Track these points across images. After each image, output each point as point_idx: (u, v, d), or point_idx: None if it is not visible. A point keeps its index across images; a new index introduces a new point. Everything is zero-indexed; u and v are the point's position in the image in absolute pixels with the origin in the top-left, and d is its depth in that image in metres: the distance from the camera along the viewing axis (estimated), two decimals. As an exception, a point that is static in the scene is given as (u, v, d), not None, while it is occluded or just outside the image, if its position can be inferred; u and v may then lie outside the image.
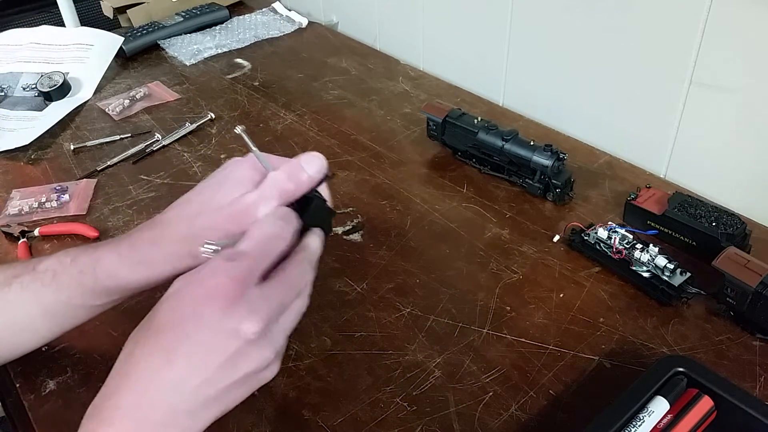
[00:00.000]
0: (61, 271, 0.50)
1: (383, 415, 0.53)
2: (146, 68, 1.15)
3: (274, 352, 0.43)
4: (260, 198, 0.47)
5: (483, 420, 0.52)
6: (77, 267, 0.50)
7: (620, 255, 0.64)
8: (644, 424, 0.46)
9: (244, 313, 0.40)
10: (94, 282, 0.49)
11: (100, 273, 0.49)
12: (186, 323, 0.41)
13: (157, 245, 0.49)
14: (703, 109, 0.74)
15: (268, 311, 0.42)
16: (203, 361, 0.40)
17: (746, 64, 0.68)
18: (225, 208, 0.48)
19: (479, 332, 0.60)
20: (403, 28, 1.13)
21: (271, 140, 0.90)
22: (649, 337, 0.58)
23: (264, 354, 0.42)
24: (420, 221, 0.74)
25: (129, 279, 0.49)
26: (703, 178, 0.77)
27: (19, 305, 0.51)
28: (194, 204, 0.49)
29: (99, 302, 0.51)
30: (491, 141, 0.77)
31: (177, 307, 0.42)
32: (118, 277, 0.49)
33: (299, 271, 0.45)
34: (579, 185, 0.76)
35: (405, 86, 1.03)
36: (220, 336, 0.40)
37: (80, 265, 0.50)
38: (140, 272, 0.49)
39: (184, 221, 0.49)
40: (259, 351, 0.42)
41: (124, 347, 0.42)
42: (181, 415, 0.41)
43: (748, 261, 0.57)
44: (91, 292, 0.50)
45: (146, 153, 0.89)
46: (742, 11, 0.66)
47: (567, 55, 0.87)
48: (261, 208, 0.47)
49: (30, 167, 0.88)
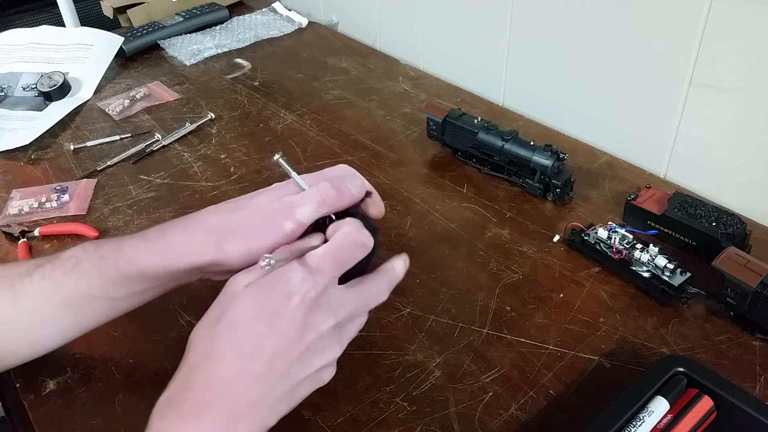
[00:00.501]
0: (83, 257, 0.49)
1: (383, 415, 0.53)
2: (146, 68, 1.15)
3: (339, 353, 0.45)
4: (302, 198, 0.48)
5: (483, 420, 0.52)
6: (99, 252, 0.49)
7: (620, 255, 0.64)
8: (644, 424, 0.46)
9: (324, 309, 0.43)
10: (115, 269, 0.48)
11: (121, 258, 0.48)
12: (274, 318, 0.42)
13: (185, 232, 0.48)
14: (703, 109, 0.74)
15: (343, 313, 0.45)
16: (288, 352, 0.42)
17: (746, 64, 0.68)
18: (264, 206, 0.48)
19: (479, 332, 0.60)
20: (403, 28, 1.13)
21: (271, 140, 0.90)
22: (649, 337, 0.58)
23: (333, 351, 0.45)
24: (420, 221, 0.74)
25: (149, 264, 0.48)
26: (703, 178, 0.77)
27: (41, 295, 0.49)
28: (232, 203, 0.50)
29: (119, 294, 0.49)
30: (491, 141, 0.77)
31: (263, 303, 0.43)
32: (138, 262, 0.48)
33: (377, 290, 0.48)
34: (579, 185, 0.76)
35: (405, 86, 1.03)
36: (303, 328, 0.42)
37: (103, 251, 0.49)
38: (161, 257, 0.48)
39: (219, 214, 0.49)
40: (330, 346, 0.44)
41: (196, 342, 0.43)
42: (263, 408, 0.42)
43: (748, 261, 0.57)
44: (113, 282, 0.49)
45: (146, 153, 0.89)
46: (742, 11, 0.66)
47: (567, 55, 0.87)
48: (300, 210, 0.47)
49: (30, 167, 0.88)
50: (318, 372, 0.45)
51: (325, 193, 0.48)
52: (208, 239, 0.47)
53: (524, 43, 0.92)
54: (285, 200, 0.48)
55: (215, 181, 0.82)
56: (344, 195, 0.49)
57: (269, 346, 0.42)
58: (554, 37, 0.87)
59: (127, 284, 0.49)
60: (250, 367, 0.41)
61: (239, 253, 0.47)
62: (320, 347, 0.44)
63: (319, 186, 0.48)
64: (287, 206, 0.47)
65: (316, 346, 0.43)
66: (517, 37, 0.93)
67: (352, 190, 0.49)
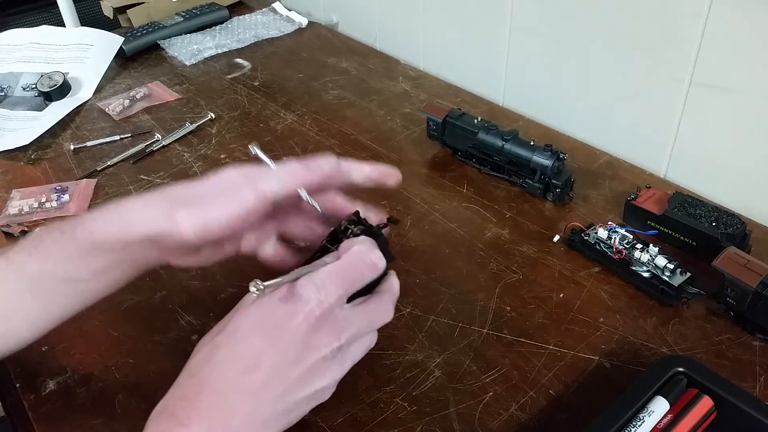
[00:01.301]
0: (46, 236, 0.49)
1: (383, 415, 0.53)
2: (146, 68, 1.15)
3: (341, 375, 0.44)
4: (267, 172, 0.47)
5: (483, 420, 0.52)
6: (61, 228, 0.48)
7: (620, 255, 0.64)
8: (644, 424, 0.46)
9: (328, 329, 0.42)
10: (73, 242, 0.47)
11: (78, 231, 0.48)
12: (275, 333, 0.41)
13: (142, 202, 0.48)
14: (703, 109, 0.74)
15: (348, 335, 0.44)
16: (287, 371, 0.41)
17: (746, 64, 0.68)
18: (225, 178, 0.48)
19: (479, 332, 0.60)
20: (403, 28, 1.13)
21: (272, 140, 0.90)
22: (649, 337, 0.58)
23: (334, 374, 0.44)
24: (420, 221, 0.74)
25: (103, 234, 0.47)
26: (703, 178, 0.77)
27: (8, 281, 0.48)
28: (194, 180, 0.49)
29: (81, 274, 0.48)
30: (491, 141, 0.77)
31: (266, 316, 0.42)
32: (94, 232, 0.47)
33: (382, 310, 0.47)
34: (579, 185, 0.76)
35: (405, 86, 1.03)
36: (304, 349, 0.41)
37: (64, 226, 0.48)
38: (115, 225, 0.47)
39: (181, 185, 0.48)
40: (331, 369, 0.43)
41: (198, 350, 0.42)
42: (256, 424, 0.41)
43: (748, 261, 0.57)
44: (73, 259, 0.48)
45: (146, 153, 0.89)
46: (742, 11, 0.66)
47: (567, 54, 0.87)
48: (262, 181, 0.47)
49: (30, 167, 0.88)
50: (319, 393, 0.44)
51: (291, 167, 0.47)
52: (160, 207, 0.47)
53: (524, 43, 0.92)
54: (249, 173, 0.48)
55: (215, 181, 0.82)
56: (311, 169, 0.48)
57: (268, 361, 0.41)
58: (554, 37, 0.87)
59: (85, 261, 0.48)
60: (247, 379, 0.41)
61: (190, 222, 0.45)
62: (321, 369, 0.43)
63: (286, 162, 0.48)
64: (251, 178, 0.47)
65: (316, 368, 0.43)
66: (517, 37, 0.93)
67: (322, 165, 0.49)
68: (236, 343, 0.41)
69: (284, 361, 0.41)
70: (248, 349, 0.41)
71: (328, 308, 0.43)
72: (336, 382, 0.45)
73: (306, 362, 0.42)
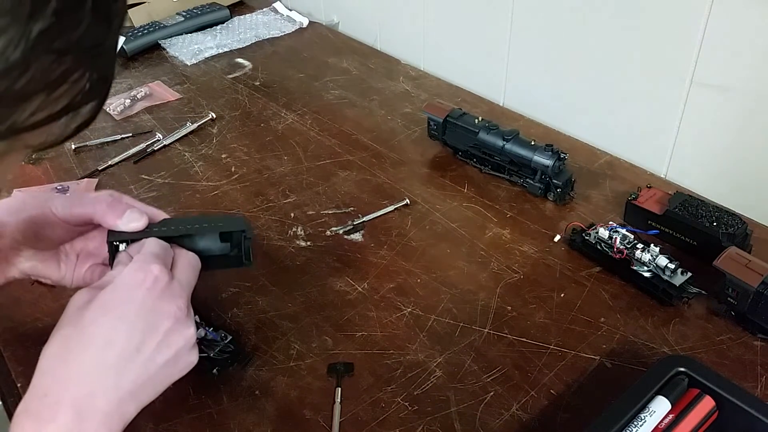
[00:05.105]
0: None
1: (384, 415, 0.53)
2: (147, 68, 1.15)
3: (194, 328, 0.48)
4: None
5: (484, 420, 0.52)
6: None
7: (621, 255, 0.64)
8: (646, 424, 0.46)
9: (174, 295, 0.47)
10: None
11: None
12: (124, 306, 0.45)
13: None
14: (703, 109, 0.74)
15: (188, 292, 0.49)
16: (143, 340, 0.44)
17: (746, 64, 0.68)
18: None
19: (480, 332, 0.60)
20: (404, 28, 1.13)
21: (272, 140, 0.91)
22: (650, 337, 0.58)
23: (189, 330, 0.47)
24: (421, 221, 0.74)
25: None
26: (703, 177, 0.77)
27: None
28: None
29: None
30: (492, 141, 0.77)
31: (110, 296, 0.45)
32: None
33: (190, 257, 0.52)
34: (580, 185, 0.76)
35: (406, 86, 1.03)
36: (156, 316, 0.45)
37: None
38: None
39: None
40: (185, 327, 0.47)
41: (48, 348, 0.44)
42: (124, 397, 0.43)
43: (749, 261, 0.57)
44: None
45: (147, 153, 0.89)
46: (743, 11, 0.66)
47: (568, 55, 0.87)
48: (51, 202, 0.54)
49: (31, 167, 0.88)
50: (182, 353, 0.46)
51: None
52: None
53: (525, 43, 0.92)
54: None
55: (216, 180, 0.82)
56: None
57: (123, 334, 0.44)
58: (555, 37, 0.87)
59: None
60: (104, 355, 0.43)
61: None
62: (176, 329, 0.46)
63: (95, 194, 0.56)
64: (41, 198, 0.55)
65: (172, 329, 0.46)
66: (517, 37, 0.93)
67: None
68: (84, 328, 0.44)
69: (138, 330, 0.44)
70: (100, 329, 0.44)
71: (168, 279, 0.47)
72: (193, 340, 0.47)
73: (162, 327, 0.45)
